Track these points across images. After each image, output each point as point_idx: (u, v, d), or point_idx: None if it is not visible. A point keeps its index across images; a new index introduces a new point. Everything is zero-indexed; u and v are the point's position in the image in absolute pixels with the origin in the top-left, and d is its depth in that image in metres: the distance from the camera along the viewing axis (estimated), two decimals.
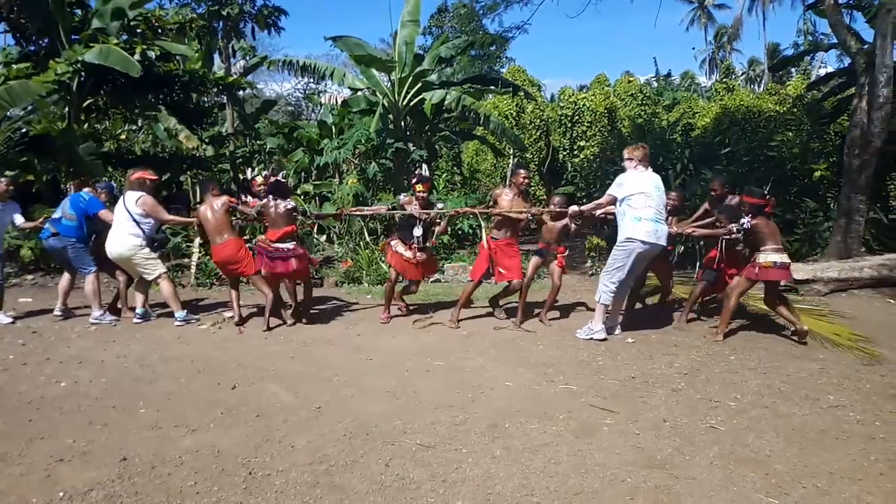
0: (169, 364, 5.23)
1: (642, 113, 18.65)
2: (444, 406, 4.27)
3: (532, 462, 3.45)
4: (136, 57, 9.24)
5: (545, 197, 12.42)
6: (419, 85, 12.12)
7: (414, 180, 6.91)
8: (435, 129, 13.46)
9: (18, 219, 6.98)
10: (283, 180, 6.61)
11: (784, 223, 10.57)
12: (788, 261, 6.00)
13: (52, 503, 3.02)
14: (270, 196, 6.46)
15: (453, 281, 9.15)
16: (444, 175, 13.45)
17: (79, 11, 11.01)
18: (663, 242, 5.81)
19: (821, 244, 10.06)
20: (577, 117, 17.57)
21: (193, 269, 9.01)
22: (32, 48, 11.11)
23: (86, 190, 6.94)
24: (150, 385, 4.72)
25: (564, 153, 17.57)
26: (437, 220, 6.87)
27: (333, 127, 13.82)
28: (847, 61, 11.42)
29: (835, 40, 10.73)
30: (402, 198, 6.97)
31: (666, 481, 3.24)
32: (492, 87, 14.59)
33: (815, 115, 12.67)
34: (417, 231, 6.55)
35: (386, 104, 12.31)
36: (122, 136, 15.06)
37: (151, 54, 10.30)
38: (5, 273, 7.18)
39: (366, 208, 8.25)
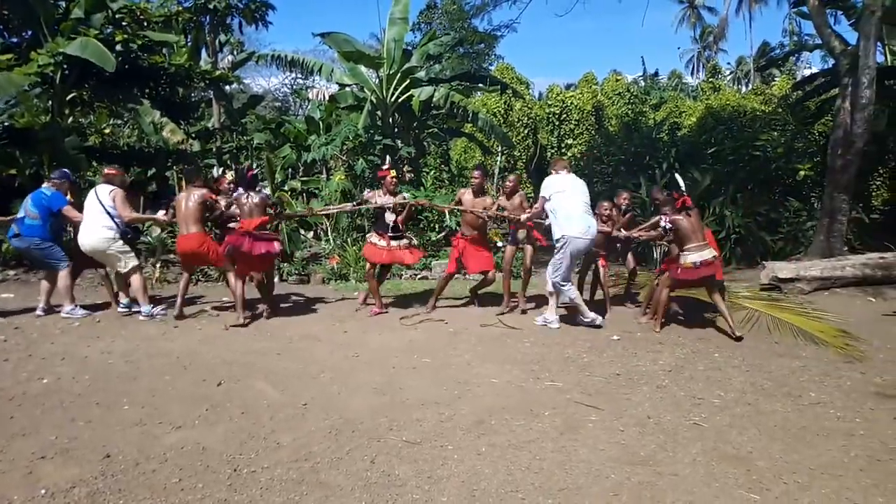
0: (154, 360, 5.19)
1: (629, 112, 18.71)
2: (431, 403, 4.27)
3: (517, 458, 3.47)
4: (118, 48, 9.12)
5: (533, 193, 12.48)
6: (407, 81, 12.09)
7: (381, 171, 7.34)
8: (423, 126, 13.43)
9: None
10: (254, 171, 6.75)
11: (768, 222, 10.73)
12: (712, 255, 6.07)
13: (34, 500, 2.99)
14: (241, 189, 6.55)
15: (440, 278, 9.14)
16: (432, 172, 13.43)
17: (63, 3, 10.85)
18: (592, 235, 6.31)
19: (804, 243, 10.20)
20: (564, 116, 17.62)
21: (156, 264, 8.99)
22: (15, 40, 10.93)
23: (45, 185, 6.73)
24: (135, 381, 4.68)
25: (552, 151, 17.60)
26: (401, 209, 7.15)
27: (321, 123, 13.76)
28: (831, 62, 11.56)
29: (819, 41, 10.86)
30: (366, 193, 7.25)
31: (649, 477, 3.27)
32: (480, 85, 14.59)
33: (799, 115, 12.81)
34: (390, 217, 6.92)
35: (374, 100, 12.27)
36: (107, 131, 14.87)
37: (134, 45, 10.17)
38: None
39: (332, 207, 8.78)
